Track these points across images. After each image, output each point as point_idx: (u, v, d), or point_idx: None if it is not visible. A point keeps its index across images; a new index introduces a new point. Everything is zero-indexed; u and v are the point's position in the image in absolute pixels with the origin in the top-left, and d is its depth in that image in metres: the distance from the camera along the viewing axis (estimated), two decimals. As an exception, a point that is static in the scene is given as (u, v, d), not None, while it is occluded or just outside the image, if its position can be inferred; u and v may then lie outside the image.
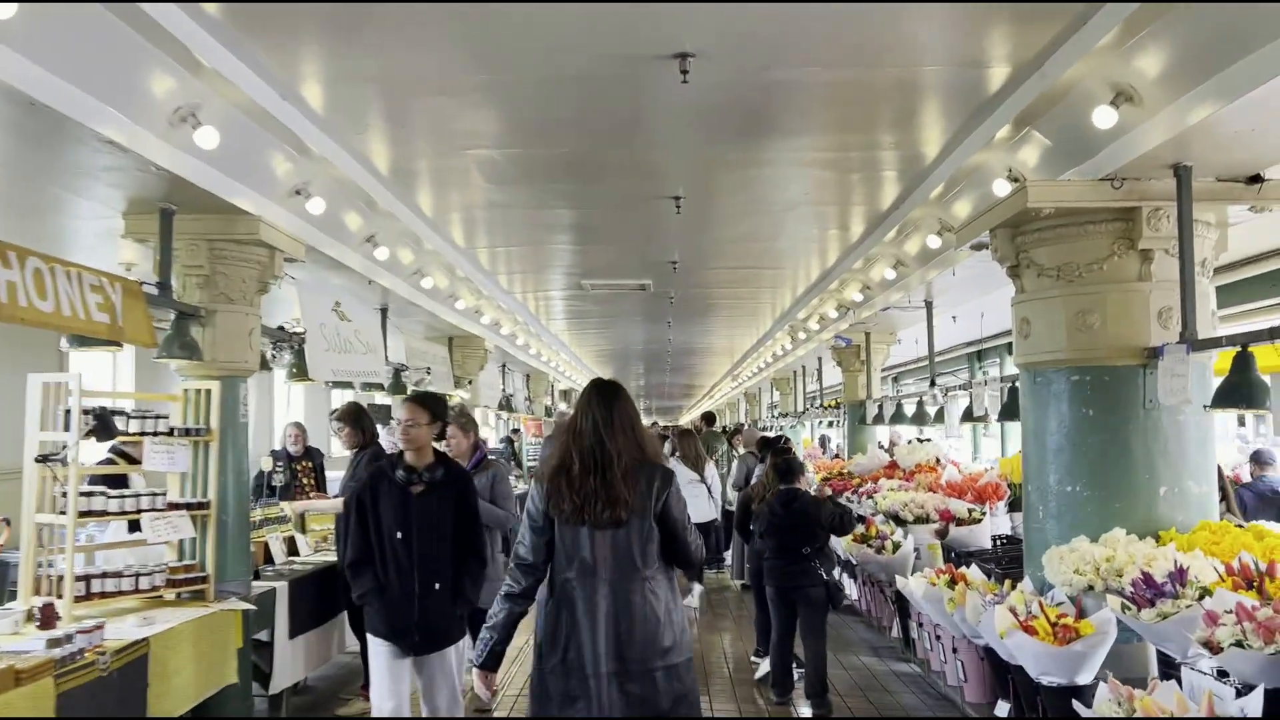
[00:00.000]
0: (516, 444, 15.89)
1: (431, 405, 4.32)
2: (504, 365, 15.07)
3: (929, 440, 10.57)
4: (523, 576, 3.29)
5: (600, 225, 7.32)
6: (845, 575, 8.78)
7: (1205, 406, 4.31)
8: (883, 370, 11.69)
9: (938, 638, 5.41)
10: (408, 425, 4.22)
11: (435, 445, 4.41)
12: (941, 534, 6.19)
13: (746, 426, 14.96)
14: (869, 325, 10.75)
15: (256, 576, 5.86)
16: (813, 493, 7.69)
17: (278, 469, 7.73)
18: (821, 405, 13.90)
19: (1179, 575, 3.62)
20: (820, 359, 14.54)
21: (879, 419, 10.25)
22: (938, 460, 9.84)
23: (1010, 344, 4.66)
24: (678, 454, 10.19)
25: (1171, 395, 4.32)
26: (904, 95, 4.52)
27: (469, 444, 5.47)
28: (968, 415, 7.18)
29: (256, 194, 5.17)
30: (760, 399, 23.96)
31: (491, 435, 19.23)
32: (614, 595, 3.16)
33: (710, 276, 9.89)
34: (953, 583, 4.97)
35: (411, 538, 4.15)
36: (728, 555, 12.69)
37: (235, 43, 3.88)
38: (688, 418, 40.82)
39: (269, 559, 6.42)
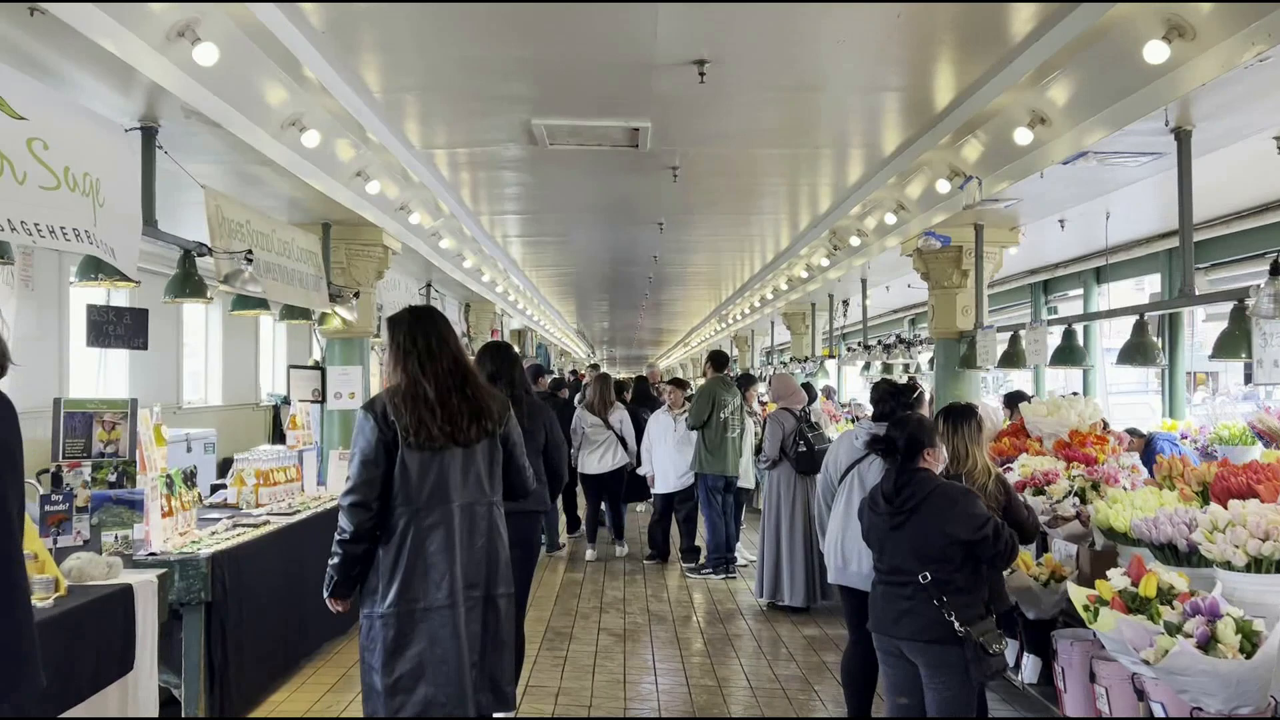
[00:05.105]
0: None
1: None
2: (429, 284, 10.97)
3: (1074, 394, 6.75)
4: (358, 519, 3.15)
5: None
6: (1023, 645, 4.85)
7: None
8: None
9: None
10: None
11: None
12: None
13: (776, 372, 11.08)
14: (981, 213, 6.83)
15: None
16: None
17: None
18: (878, 343, 10.01)
19: None
20: (864, 280, 10.64)
21: (1011, 359, 6.36)
22: (1104, 423, 6.07)
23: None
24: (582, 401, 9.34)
25: None
26: None
27: None
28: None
29: None
30: (753, 343, 20.05)
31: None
32: (466, 519, 3.22)
33: (749, 114, 5.88)
34: None
35: None
36: (741, 552, 8.82)
37: None
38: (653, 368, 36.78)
39: None
